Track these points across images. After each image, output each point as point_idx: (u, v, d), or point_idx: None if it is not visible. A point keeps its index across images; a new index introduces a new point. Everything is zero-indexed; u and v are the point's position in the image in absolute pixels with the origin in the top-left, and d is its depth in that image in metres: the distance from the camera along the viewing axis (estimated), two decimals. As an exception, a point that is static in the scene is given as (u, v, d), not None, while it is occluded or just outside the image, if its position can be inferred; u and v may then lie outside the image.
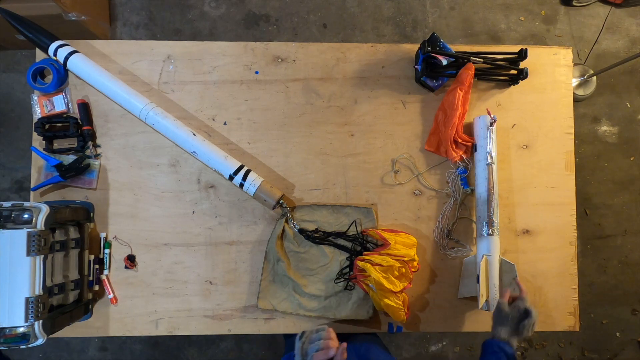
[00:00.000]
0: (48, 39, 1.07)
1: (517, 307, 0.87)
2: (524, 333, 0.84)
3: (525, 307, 0.86)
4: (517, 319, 0.86)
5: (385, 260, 0.99)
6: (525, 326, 0.84)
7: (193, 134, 1.06)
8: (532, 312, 0.84)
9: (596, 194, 2.18)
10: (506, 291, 0.92)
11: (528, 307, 0.85)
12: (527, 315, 0.85)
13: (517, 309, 0.86)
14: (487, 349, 0.85)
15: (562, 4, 2.25)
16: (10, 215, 0.86)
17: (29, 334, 0.85)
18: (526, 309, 0.85)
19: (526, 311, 0.85)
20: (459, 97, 1.07)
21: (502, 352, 0.82)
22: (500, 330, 0.86)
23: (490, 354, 0.83)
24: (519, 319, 0.86)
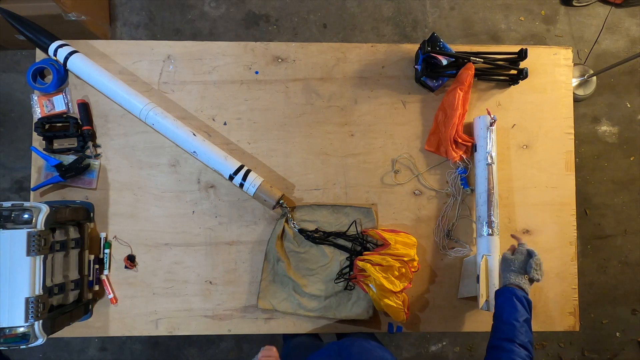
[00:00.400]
0: (48, 39, 1.07)
1: (519, 251, 0.90)
2: (531, 273, 0.86)
3: (527, 249, 0.89)
4: (522, 261, 0.89)
5: (386, 260, 0.99)
6: (532, 265, 0.86)
7: (193, 134, 1.06)
8: (534, 252, 0.88)
9: (596, 194, 2.18)
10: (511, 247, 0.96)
11: (529, 249, 0.89)
12: (530, 255, 0.88)
13: (519, 252, 0.90)
14: (498, 297, 0.86)
15: (562, 4, 2.25)
16: (10, 215, 0.86)
17: (29, 334, 0.85)
18: (528, 250, 0.89)
19: (529, 252, 0.89)
20: (459, 97, 1.07)
21: (513, 296, 0.82)
22: (509, 276, 0.88)
23: (502, 300, 0.84)
24: (524, 261, 0.88)
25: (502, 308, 0.82)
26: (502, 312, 0.81)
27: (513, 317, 0.79)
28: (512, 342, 0.76)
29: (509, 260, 0.90)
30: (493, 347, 0.78)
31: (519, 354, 0.74)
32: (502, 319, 0.80)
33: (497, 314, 0.83)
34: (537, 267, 0.87)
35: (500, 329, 0.79)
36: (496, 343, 0.78)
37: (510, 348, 0.75)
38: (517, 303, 0.81)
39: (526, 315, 0.81)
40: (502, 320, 0.80)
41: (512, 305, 0.81)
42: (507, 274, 0.89)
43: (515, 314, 0.79)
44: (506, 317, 0.80)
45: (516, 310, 0.80)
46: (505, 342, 0.76)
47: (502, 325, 0.79)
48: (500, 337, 0.78)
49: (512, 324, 0.78)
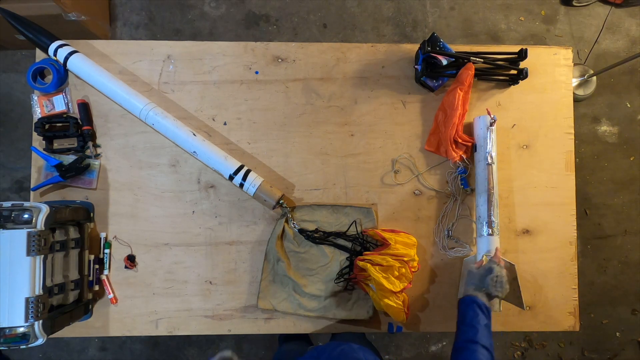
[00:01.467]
0: (48, 39, 1.07)
1: (483, 267, 0.93)
2: (489, 288, 0.89)
3: (489, 266, 0.91)
4: (482, 276, 0.91)
5: (386, 260, 0.99)
6: (488, 282, 0.89)
7: (193, 134, 1.06)
8: (494, 268, 0.90)
9: (596, 194, 2.18)
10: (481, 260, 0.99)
11: (492, 266, 0.91)
12: (490, 272, 0.90)
13: (483, 268, 0.93)
14: (461, 304, 0.89)
15: (562, 4, 2.25)
16: (10, 215, 0.86)
17: (29, 334, 0.85)
18: (490, 267, 0.91)
19: (490, 269, 0.91)
20: (459, 97, 1.07)
21: (474, 303, 0.86)
22: (469, 289, 0.92)
23: (464, 307, 0.87)
24: (484, 275, 0.91)
25: (464, 313, 0.86)
26: (465, 316, 0.85)
27: (475, 320, 0.83)
28: (475, 343, 0.79)
29: (472, 273, 0.94)
30: (458, 349, 0.81)
31: (482, 353, 0.78)
32: (465, 322, 0.84)
33: (460, 319, 0.86)
34: (495, 284, 0.89)
35: (464, 331, 0.83)
36: (461, 345, 0.81)
37: (473, 348, 0.79)
38: (478, 309, 0.85)
39: (486, 320, 0.84)
40: (465, 323, 0.84)
41: (474, 311, 0.85)
42: (468, 287, 0.93)
43: (477, 318, 0.83)
44: (469, 321, 0.83)
45: (477, 315, 0.84)
46: (469, 343, 0.80)
47: (465, 327, 0.83)
48: (464, 339, 0.81)
49: (474, 327, 0.82)
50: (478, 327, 0.81)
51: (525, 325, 1.13)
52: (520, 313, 1.12)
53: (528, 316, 1.13)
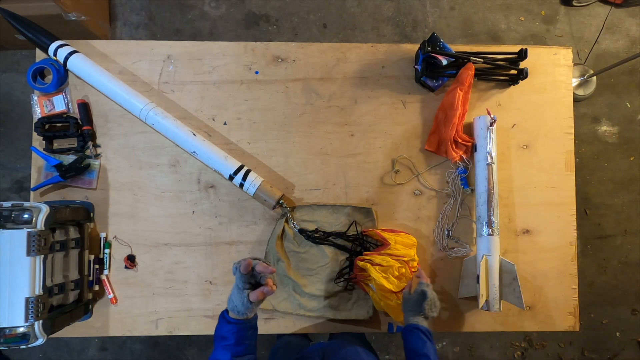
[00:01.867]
0: (48, 39, 1.07)
1: (416, 291, 0.94)
2: (426, 313, 0.91)
3: (422, 290, 0.93)
4: (417, 301, 0.93)
5: (385, 261, 0.99)
6: (424, 307, 0.91)
7: (193, 134, 1.06)
8: (427, 292, 0.92)
9: (596, 194, 2.18)
10: (409, 283, 1.00)
11: (424, 289, 0.92)
12: (424, 296, 0.92)
13: (416, 292, 0.94)
14: (405, 334, 0.91)
15: (562, 4, 2.25)
16: (10, 215, 0.86)
17: (29, 334, 0.85)
18: (423, 290, 0.92)
19: (423, 292, 0.92)
20: (459, 97, 1.07)
21: (418, 330, 0.89)
22: (408, 316, 0.93)
23: (410, 336, 0.89)
24: (419, 300, 0.93)
25: (413, 343, 0.87)
26: (415, 346, 0.87)
27: (425, 348, 0.85)
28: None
29: (407, 300, 0.95)
30: None
31: None
32: (417, 352, 0.85)
33: (410, 348, 0.87)
34: (431, 307, 0.92)
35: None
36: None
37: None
38: (423, 336, 0.87)
39: (432, 345, 0.87)
40: (418, 353, 0.85)
41: (420, 339, 0.87)
42: (406, 313, 0.94)
43: (425, 346, 0.86)
44: (420, 351, 0.85)
45: (425, 343, 0.86)
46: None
47: (418, 357, 0.85)
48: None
49: (426, 355, 0.84)
50: (429, 354, 0.84)
51: (525, 325, 1.13)
52: (520, 313, 1.12)
53: (528, 316, 1.13)
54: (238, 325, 0.74)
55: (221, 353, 0.73)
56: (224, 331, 0.74)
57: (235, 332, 0.74)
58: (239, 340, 0.74)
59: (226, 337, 0.73)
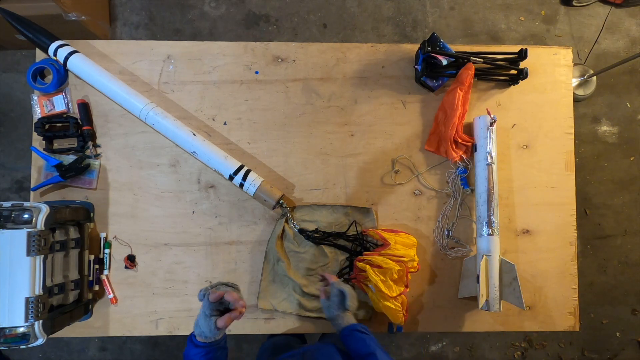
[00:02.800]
0: (48, 39, 1.07)
1: (334, 294, 0.94)
2: (351, 308, 0.92)
3: (337, 289, 0.94)
4: (340, 302, 0.93)
5: (385, 262, 0.99)
6: (347, 304, 0.92)
7: (193, 134, 1.06)
8: (344, 290, 0.93)
9: (596, 194, 2.18)
10: (322, 290, 0.99)
11: (339, 288, 0.93)
12: (343, 294, 0.93)
13: (333, 295, 0.94)
14: (344, 338, 0.89)
15: (562, 4, 2.25)
16: (10, 215, 0.86)
17: (29, 334, 0.85)
18: (339, 290, 0.93)
19: (340, 292, 0.93)
20: (459, 97, 1.07)
21: (355, 331, 0.87)
22: (337, 321, 0.92)
23: (349, 340, 0.87)
24: (340, 301, 0.93)
25: (356, 346, 0.85)
26: (358, 349, 0.84)
27: (370, 347, 0.83)
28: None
29: (329, 306, 0.95)
30: None
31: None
32: (361, 353, 0.83)
33: (357, 353, 0.84)
34: (352, 300, 0.93)
35: None
36: None
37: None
38: (361, 335, 0.86)
39: (373, 339, 0.86)
40: (362, 354, 0.82)
41: (361, 339, 0.85)
42: (334, 320, 0.93)
43: (366, 342, 0.84)
44: (364, 351, 0.83)
45: (364, 340, 0.84)
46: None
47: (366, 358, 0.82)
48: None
49: (372, 353, 0.81)
50: (374, 350, 0.82)
51: (525, 325, 1.13)
52: (520, 313, 1.12)
53: (528, 316, 1.13)
54: (206, 349, 0.73)
55: None
56: (192, 354, 0.73)
57: (204, 354, 0.73)
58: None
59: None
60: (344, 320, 0.91)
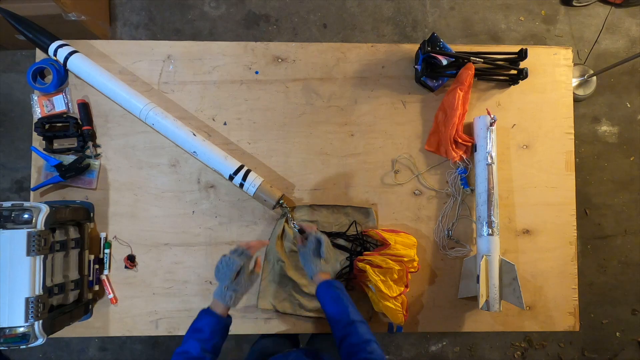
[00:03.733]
0: (48, 39, 1.07)
1: (311, 241, 0.96)
2: (324, 255, 0.94)
3: (315, 237, 0.95)
4: (315, 249, 0.95)
5: (385, 262, 0.99)
6: (322, 250, 0.94)
7: (193, 134, 1.06)
8: (321, 238, 0.95)
9: (596, 194, 2.18)
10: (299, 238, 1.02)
11: (317, 237, 0.95)
12: (319, 242, 0.94)
13: (311, 242, 0.96)
14: (322, 294, 0.89)
15: (562, 4, 2.25)
16: (10, 215, 0.86)
17: (29, 334, 0.85)
18: (316, 237, 0.95)
19: (317, 240, 0.95)
20: (459, 97, 1.07)
21: (332, 287, 0.88)
22: (312, 266, 0.93)
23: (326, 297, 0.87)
24: (317, 248, 0.95)
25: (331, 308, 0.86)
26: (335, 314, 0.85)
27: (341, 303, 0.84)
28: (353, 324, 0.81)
29: (305, 252, 0.96)
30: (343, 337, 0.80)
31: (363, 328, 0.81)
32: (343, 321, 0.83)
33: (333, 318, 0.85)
34: (328, 250, 0.95)
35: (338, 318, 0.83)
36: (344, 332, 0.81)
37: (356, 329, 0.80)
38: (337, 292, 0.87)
39: (348, 296, 0.87)
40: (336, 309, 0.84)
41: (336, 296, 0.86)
42: (308, 265, 0.94)
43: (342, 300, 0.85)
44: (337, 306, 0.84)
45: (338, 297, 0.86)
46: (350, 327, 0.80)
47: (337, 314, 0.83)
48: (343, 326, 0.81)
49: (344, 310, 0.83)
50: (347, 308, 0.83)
51: (525, 325, 1.13)
52: (520, 313, 1.12)
53: (528, 316, 1.13)
54: (217, 319, 0.82)
55: (192, 344, 0.79)
56: (202, 324, 0.81)
57: (212, 325, 0.81)
58: (212, 334, 0.80)
59: (202, 330, 0.80)
60: (318, 268, 0.93)
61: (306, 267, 0.95)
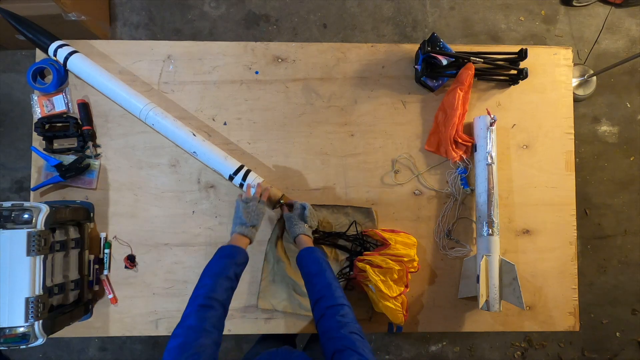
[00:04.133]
0: (48, 39, 1.07)
1: (295, 207, 1.03)
2: (308, 221, 1.01)
3: (300, 204, 1.03)
4: (300, 214, 1.02)
5: (385, 262, 0.99)
6: (307, 214, 1.01)
7: (193, 134, 1.06)
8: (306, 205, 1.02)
9: (596, 194, 2.18)
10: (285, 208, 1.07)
11: (302, 203, 1.03)
12: (304, 207, 1.02)
13: (296, 208, 1.03)
14: (303, 257, 0.91)
15: (562, 4, 2.25)
16: (10, 215, 0.86)
17: (29, 334, 0.85)
18: (301, 204, 1.03)
19: (302, 206, 1.02)
20: (459, 97, 1.07)
21: (313, 253, 0.90)
22: (295, 227, 1.00)
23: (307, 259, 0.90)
24: (301, 214, 1.02)
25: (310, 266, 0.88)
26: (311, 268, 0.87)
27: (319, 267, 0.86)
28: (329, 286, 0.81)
29: (291, 216, 1.02)
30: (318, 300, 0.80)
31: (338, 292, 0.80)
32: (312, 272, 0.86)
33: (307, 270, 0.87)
34: (312, 216, 1.02)
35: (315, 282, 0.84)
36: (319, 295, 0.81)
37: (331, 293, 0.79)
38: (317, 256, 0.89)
39: (327, 261, 0.90)
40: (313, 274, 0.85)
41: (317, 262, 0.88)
42: (293, 227, 1.00)
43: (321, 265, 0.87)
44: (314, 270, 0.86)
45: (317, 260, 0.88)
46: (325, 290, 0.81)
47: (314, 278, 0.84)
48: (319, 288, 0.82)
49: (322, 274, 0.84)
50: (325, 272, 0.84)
51: (525, 325, 1.13)
52: (520, 313, 1.12)
53: (528, 316, 1.13)
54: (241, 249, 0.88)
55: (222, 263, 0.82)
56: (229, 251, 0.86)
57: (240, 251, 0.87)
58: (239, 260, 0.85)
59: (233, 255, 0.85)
60: (302, 229, 0.99)
61: (291, 229, 1.01)
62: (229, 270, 0.81)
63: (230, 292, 0.81)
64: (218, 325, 0.72)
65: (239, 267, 0.85)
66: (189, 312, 0.72)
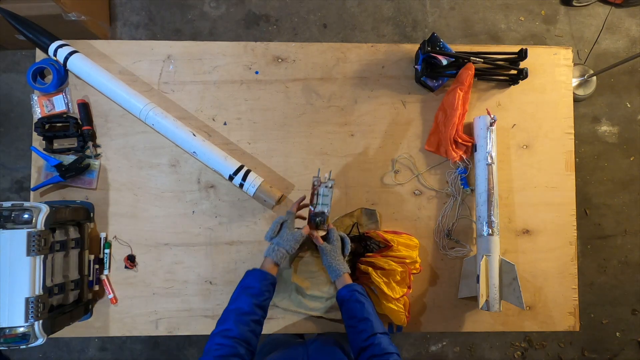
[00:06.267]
0: (48, 39, 1.07)
1: (334, 238, 0.97)
2: (347, 253, 0.98)
3: (338, 235, 0.98)
4: (340, 247, 0.98)
5: (388, 264, 0.99)
6: (348, 248, 0.97)
7: (193, 134, 1.06)
8: (344, 236, 0.99)
9: (596, 194, 2.18)
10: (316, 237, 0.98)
11: (340, 234, 0.99)
12: (343, 239, 0.98)
13: (335, 239, 0.97)
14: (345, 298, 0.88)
15: (562, 4, 2.25)
16: (10, 215, 0.86)
17: (29, 334, 0.85)
18: (340, 235, 0.99)
19: (341, 237, 0.99)
20: (459, 97, 1.07)
21: (355, 292, 0.88)
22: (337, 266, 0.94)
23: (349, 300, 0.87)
24: (340, 247, 0.98)
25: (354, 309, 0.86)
26: (355, 312, 0.85)
27: (365, 312, 0.84)
28: (375, 335, 0.80)
29: (329, 252, 0.96)
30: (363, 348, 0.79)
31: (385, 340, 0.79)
32: (358, 317, 0.84)
33: (351, 315, 0.85)
34: (344, 243, 0.98)
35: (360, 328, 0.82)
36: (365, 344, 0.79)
37: (378, 341, 0.79)
38: (361, 297, 0.88)
39: (371, 304, 0.88)
40: (358, 318, 0.84)
41: (359, 302, 0.86)
42: (334, 265, 0.94)
43: (364, 307, 0.85)
44: (360, 315, 0.84)
45: (363, 305, 0.86)
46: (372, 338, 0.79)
47: (360, 322, 0.83)
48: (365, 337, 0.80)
49: (367, 318, 0.83)
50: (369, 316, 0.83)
51: (525, 325, 1.13)
52: (520, 313, 1.12)
53: (528, 316, 1.13)
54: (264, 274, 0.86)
55: (244, 300, 0.81)
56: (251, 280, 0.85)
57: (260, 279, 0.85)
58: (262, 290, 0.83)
59: (253, 286, 0.83)
60: (345, 268, 0.93)
61: (331, 268, 0.94)
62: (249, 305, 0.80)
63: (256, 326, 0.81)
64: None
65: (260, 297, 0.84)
66: None
